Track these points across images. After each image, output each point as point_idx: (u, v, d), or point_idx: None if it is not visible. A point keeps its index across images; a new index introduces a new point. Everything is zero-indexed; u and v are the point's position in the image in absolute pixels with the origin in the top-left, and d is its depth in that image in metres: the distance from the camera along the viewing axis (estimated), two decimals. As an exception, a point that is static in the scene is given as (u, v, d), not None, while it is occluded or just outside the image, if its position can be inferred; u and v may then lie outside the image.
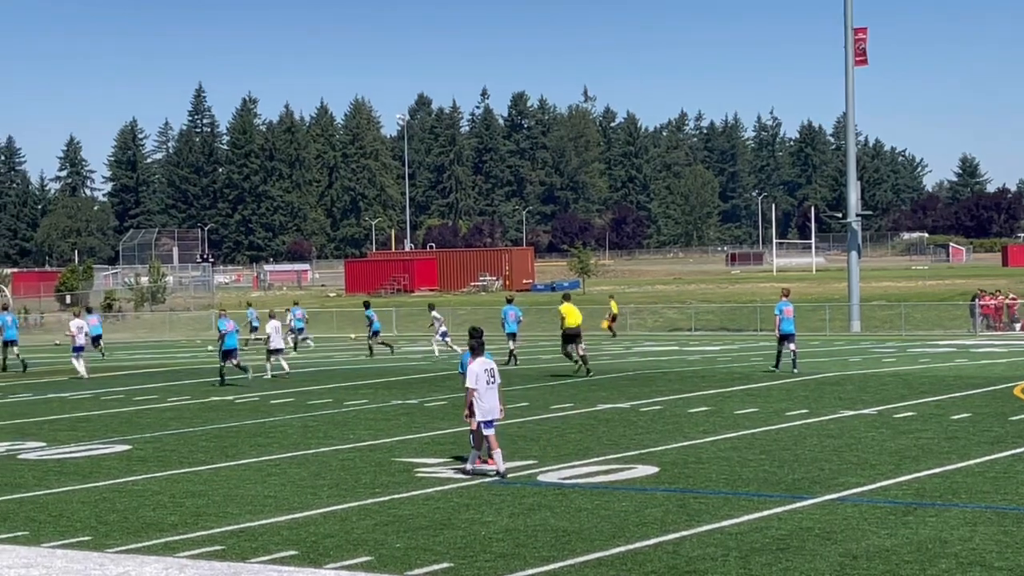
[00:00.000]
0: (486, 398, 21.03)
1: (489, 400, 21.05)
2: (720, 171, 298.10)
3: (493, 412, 21.07)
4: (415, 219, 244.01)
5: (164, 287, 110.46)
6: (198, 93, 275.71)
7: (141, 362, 54.10)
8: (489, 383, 21.08)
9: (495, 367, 21.37)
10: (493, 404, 21.08)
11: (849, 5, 67.25)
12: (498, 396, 21.18)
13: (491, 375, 21.10)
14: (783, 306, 40.96)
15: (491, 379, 21.11)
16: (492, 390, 21.09)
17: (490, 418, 21.04)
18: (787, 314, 40.80)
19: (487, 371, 21.07)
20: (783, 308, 40.86)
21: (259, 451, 24.92)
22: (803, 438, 24.90)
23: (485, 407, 21.01)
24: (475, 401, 20.97)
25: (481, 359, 21.22)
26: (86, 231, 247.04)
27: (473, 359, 21.27)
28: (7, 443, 27.12)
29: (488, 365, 21.18)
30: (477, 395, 20.98)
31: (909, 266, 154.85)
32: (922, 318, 69.31)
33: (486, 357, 21.45)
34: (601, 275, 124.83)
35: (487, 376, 21.06)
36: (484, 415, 21.02)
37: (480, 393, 20.99)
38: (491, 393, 21.09)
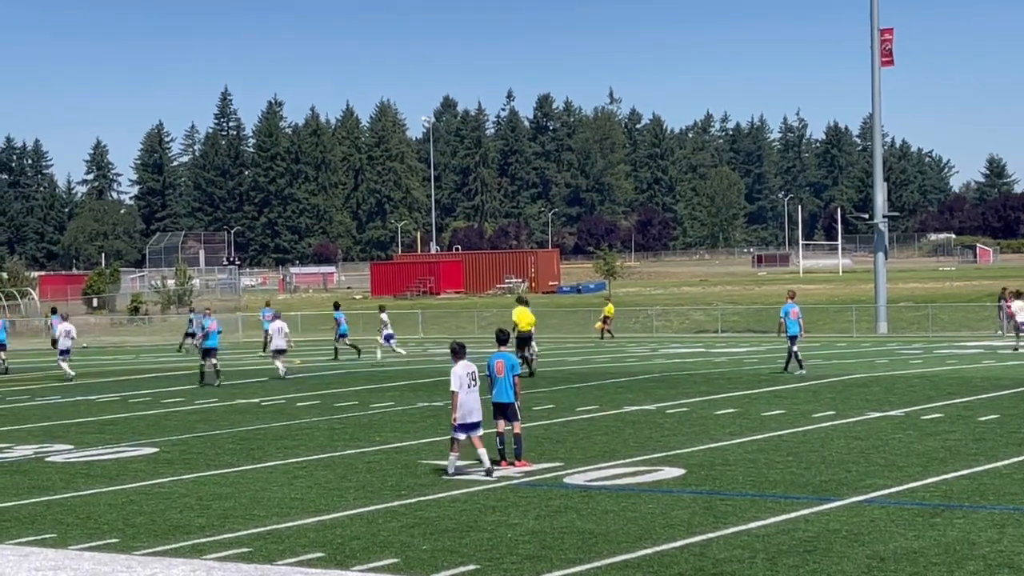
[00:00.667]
0: (466, 401, 21.32)
1: (471, 402, 21.35)
2: (746, 172, 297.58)
3: (472, 414, 21.33)
4: (441, 221, 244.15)
5: (190, 290, 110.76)
6: (224, 96, 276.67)
7: (168, 365, 54.22)
8: (470, 386, 21.37)
9: (476, 370, 21.61)
10: (474, 406, 21.36)
11: (875, 6, 67.10)
12: (478, 399, 21.48)
13: (472, 378, 21.40)
14: (789, 308, 41.56)
15: (472, 382, 21.42)
16: (473, 393, 21.40)
17: (470, 420, 21.32)
18: (793, 316, 41.31)
19: (469, 374, 21.37)
20: (789, 310, 41.49)
21: (285, 453, 24.94)
22: (830, 440, 24.82)
23: (464, 410, 21.30)
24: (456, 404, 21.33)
25: (463, 362, 21.48)
26: (113, 234, 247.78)
27: (455, 362, 21.54)
28: (35, 445, 27.21)
29: (470, 368, 21.45)
30: (458, 397, 21.30)
31: (936, 267, 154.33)
32: (949, 319, 69.08)
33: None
34: (627, 277, 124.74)
35: (468, 379, 21.35)
36: (463, 417, 21.32)
37: (461, 396, 21.28)
38: (472, 395, 21.39)
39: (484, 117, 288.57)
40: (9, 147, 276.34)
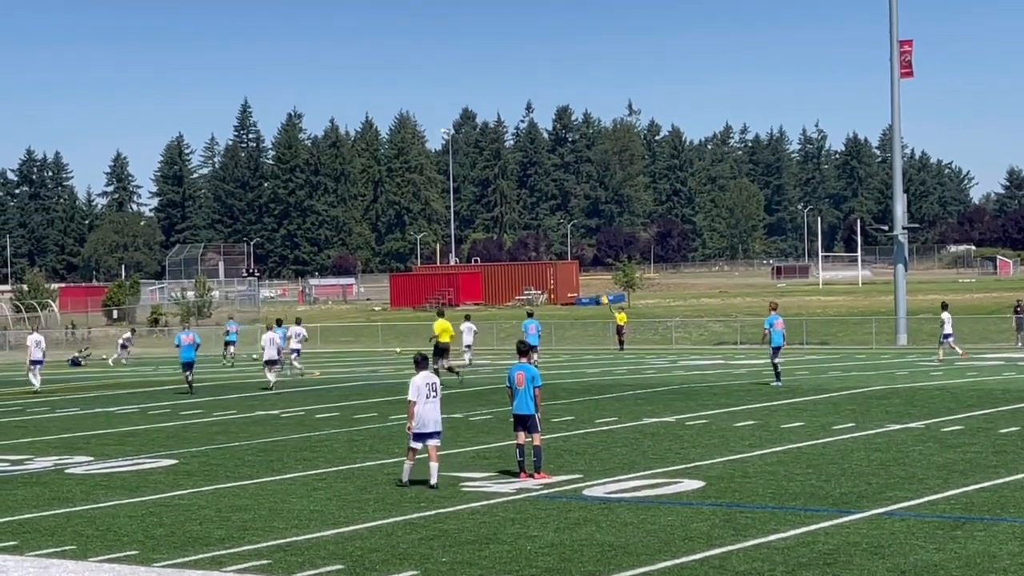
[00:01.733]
0: (425, 411, 21.61)
1: (427, 413, 21.62)
2: (765, 184, 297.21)
3: (427, 424, 21.61)
4: (460, 233, 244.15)
5: (210, 302, 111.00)
6: (244, 108, 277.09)
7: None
8: (429, 397, 21.66)
9: (437, 382, 21.93)
10: (430, 417, 21.62)
11: (895, 18, 67.04)
12: (438, 410, 21.77)
13: (432, 389, 21.71)
14: (774, 319, 41.82)
15: (431, 393, 21.69)
16: (431, 403, 21.68)
17: (426, 430, 21.62)
18: (777, 327, 41.66)
19: (428, 385, 21.71)
20: (773, 321, 41.74)
21: (305, 465, 24.97)
22: (850, 452, 24.78)
23: (420, 420, 21.59)
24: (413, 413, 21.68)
25: (424, 373, 21.89)
26: (133, 246, 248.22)
27: (417, 372, 21.91)
28: (55, 457, 27.27)
29: (430, 379, 21.83)
30: (415, 407, 21.60)
31: (956, 279, 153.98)
32: (969, 331, 68.83)
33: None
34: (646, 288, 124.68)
35: (427, 390, 21.67)
36: (419, 427, 21.63)
37: (419, 406, 21.58)
38: (430, 406, 21.66)
39: (503, 129, 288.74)
40: (30, 159, 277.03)
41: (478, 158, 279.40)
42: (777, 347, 41.46)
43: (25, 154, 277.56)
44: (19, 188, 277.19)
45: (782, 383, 40.57)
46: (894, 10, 67.16)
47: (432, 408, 21.74)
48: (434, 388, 21.83)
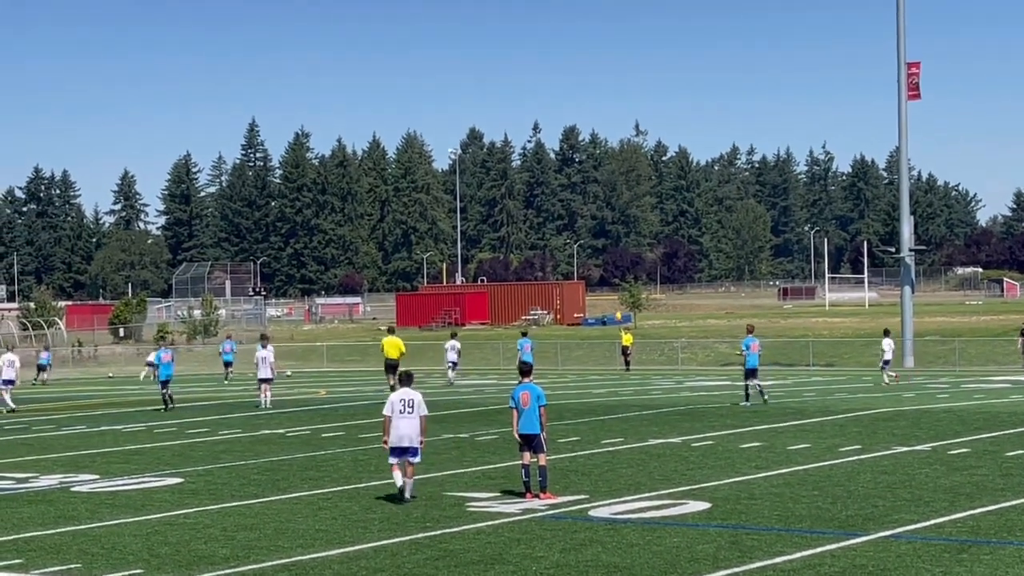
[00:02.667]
0: (399, 426, 22.20)
1: (401, 428, 22.20)
2: (772, 205, 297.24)
3: (403, 440, 22.19)
4: (466, 253, 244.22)
5: (216, 320, 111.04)
6: (251, 127, 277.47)
7: (193, 395, 54.30)
8: (403, 412, 22.25)
9: (416, 399, 22.35)
10: (404, 432, 22.19)
11: (902, 39, 67.13)
12: (418, 426, 22.30)
13: (406, 405, 22.25)
14: (750, 341, 42.41)
15: (406, 408, 22.26)
16: (405, 419, 22.25)
17: (402, 445, 22.24)
18: (753, 349, 42.30)
19: (402, 400, 22.28)
20: (750, 343, 42.36)
21: (310, 484, 24.95)
22: (856, 474, 24.73)
23: (395, 434, 22.23)
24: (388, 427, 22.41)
25: (404, 389, 22.50)
26: (140, 264, 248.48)
27: (399, 388, 22.71)
28: (60, 475, 27.26)
29: (405, 396, 22.34)
30: (390, 422, 22.30)
31: (963, 301, 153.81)
32: (976, 353, 68.81)
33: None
34: (652, 309, 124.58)
35: (401, 406, 22.25)
36: (395, 442, 22.27)
37: (393, 421, 22.24)
38: (404, 421, 22.23)
39: (510, 149, 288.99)
40: (38, 177, 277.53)
41: (485, 178, 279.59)
42: (752, 369, 42.15)
43: (33, 172, 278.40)
44: (27, 206, 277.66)
45: (749, 404, 41.29)
46: (902, 32, 67.26)
47: (407, 424, 22.25)
48: (410, 404, 22.27)
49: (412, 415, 22.28)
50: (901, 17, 67.47)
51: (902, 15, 67.48)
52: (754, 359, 42.29)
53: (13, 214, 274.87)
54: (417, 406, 22.37)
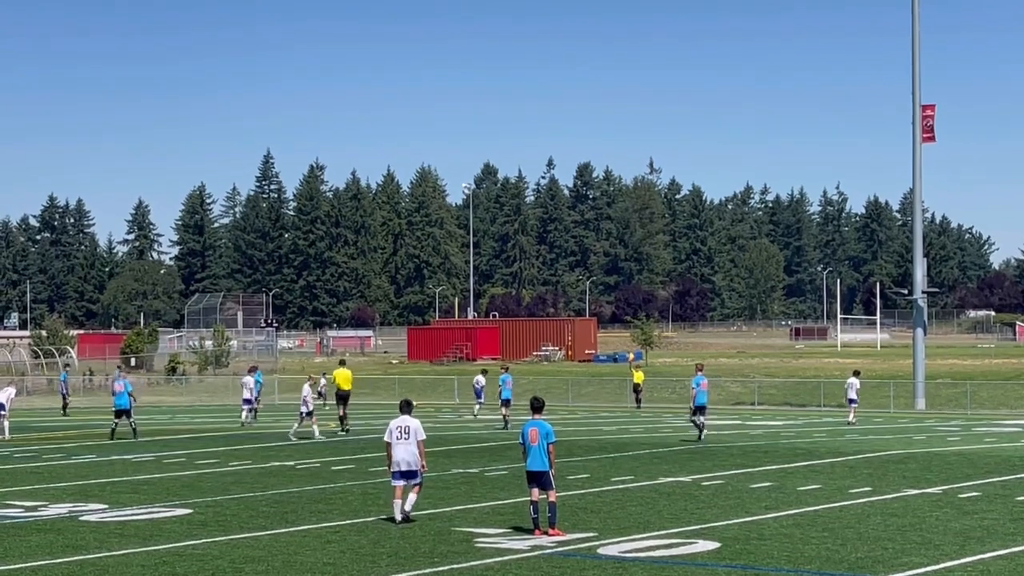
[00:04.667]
0: (397, 451, 23.58)
1: (399, 454, 23.55)
2: (785, 245, 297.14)
3: (400, 464, 23.52)
4: (479, 287, 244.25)
5: (228, 351, 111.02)
6: (266, 159, 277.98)
7: (203, 425, 54.30)
8: (400, 438, 23.61)
9: (413, 426, 23.58)
10: (401, 457, 23.52)
11: (917, 82, 67.22)
12: (417, 451, 23.56)
13: (403, 432, 23.59)
14: (700, 379, 43.70)
15: (402, 435, 23.60)
16: (403, 444, 23.59)
17: (400, 469, 23.57)
18: (703, 387, 43.60)
19: (399, 428, 23.63)
20: (700, 382, 43.63)
21: (319, 517, 24.92)
22: (866, 516, 24.67)
23: (394, 459, 23.60)
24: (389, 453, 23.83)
25: (403, 416, 23.82)
26: (152, 294, 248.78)
27: (399, 417, 23.92)
28: (69, 504, 27.25)
29: (402, 423, 23.65)
30: (391, 448, 23.72)
31: (975, 344, 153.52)
32: (988, 397, 68.63)
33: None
34: (664, 347, 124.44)
35: (398, 432, 23.61)
36: (395, 466, 23.63)
37: (392, 447, 23.65)
38: (401, 447, 23.58)
39: (524, 184, 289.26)
40: (52, 206, 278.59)
41: (498, 213, 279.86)
42: (700, 406, 43.28)
43: (47, 201, 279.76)
44: (40, 234, 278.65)
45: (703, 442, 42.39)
46: (917, 75, 67.35)
47: (403, 449, 23.57)
48: (406, 431, 23.57)
49: (409, 441, 23.54)
50: (916, 60, 67.58)
51: (917, 58, 67.59)
52: (703, 396, 43.51)
53: (27, 242, 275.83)
54: (413, 432, 23.58)
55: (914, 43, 67.63)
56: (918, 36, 67.63)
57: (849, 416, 53.75)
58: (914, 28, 67.66)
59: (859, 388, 55.04)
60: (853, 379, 55.12)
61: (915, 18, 67.60)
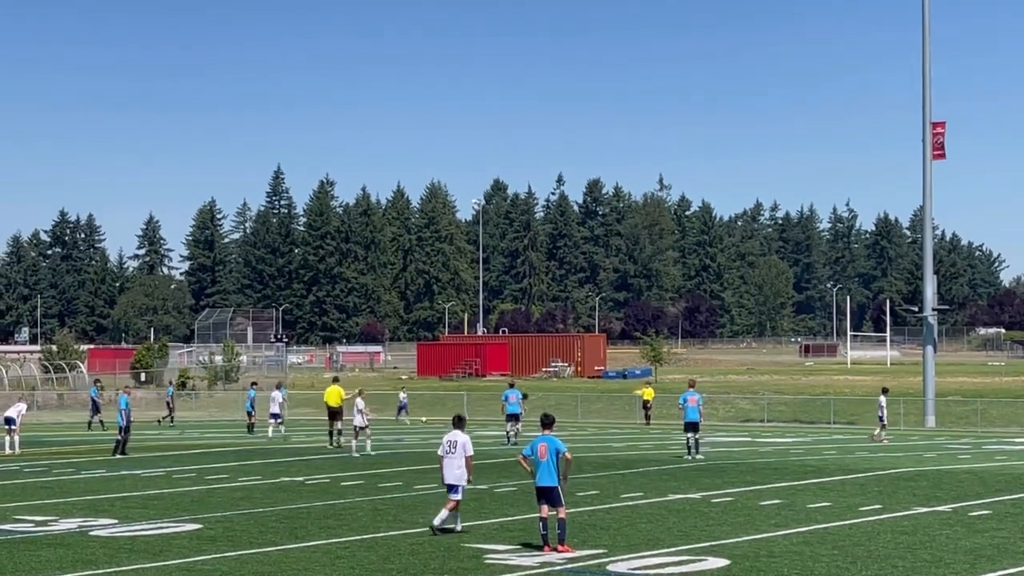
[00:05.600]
0: (444, 465, 24.25)
1: (445, 467, 24.23)
2: (795, 262, 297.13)
3: (448, 478, 24.11)
4: (488, 303, 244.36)
5: (238, 366, 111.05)
6: (277, 175, 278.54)
7: (213, 441, 54.32)
8: (448, 452, 24.18)
9: (460, 440, 24.08)
10: (449, 471, 24.12)
11: (928, 99, 67.21)
12: (462, 465, 24.04)
13: (451, 446, 24.14)
14: (686, 397, 43.90)
15: (450, 449, 24.15)
16: (451, 458, 24.13)
17: (447, 482, 24.18)
18: (691, 403, 43.57)
19: (448, 442, 24.21)
20: (686, 399, 43.81)
21: (328, 533, 24.91)
22: (876, 534, 24.63)
23: (443, 472, 24.27)
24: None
25: (454, 431, 24.32)
26: (162, 309, 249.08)
27: (451, 431, 24.48)
28: (79, 519, 27.26)
29: (452, 438, 24.19)
30: (441, 462, 24.37)
31: (986, 362, 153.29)
32: (998, 415, 68.51)
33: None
34: (673, 363, 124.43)
35: (447, 447, 24.20)
36: (444, 479, 24.26)
37: (443, 461, 24.27)
38: (448, 461, 24.15)
39: (534, 200, 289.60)
40: (63, 221, 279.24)
41: (508, 229, 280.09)
42: (690, 422, 43.28)
43: (59, 216, 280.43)
44: (51, 249, 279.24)
45: (702, 457, 42.48)
46: (927, 92, 67.36)
47: (449, 463, 24.11)
48: (453, 446, 24.09)
49: (455, 455, 24.02)
50: (927, 77, 67.60)
51: (928, 75, 67.61)
52: (694, 413, 43.42)
53: (38, 257, 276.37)
54: (460, 447, 24.08)
55: (925, 61, 67.65)
56: (928, 54, 67.65)
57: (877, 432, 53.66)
58: (925, 46, 67.68)
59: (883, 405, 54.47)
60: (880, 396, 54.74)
61: (926, 35, 67.64)
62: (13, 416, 48.36)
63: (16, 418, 48.49)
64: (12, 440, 47.80)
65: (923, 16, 67.62)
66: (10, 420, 48.23)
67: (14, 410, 48.76)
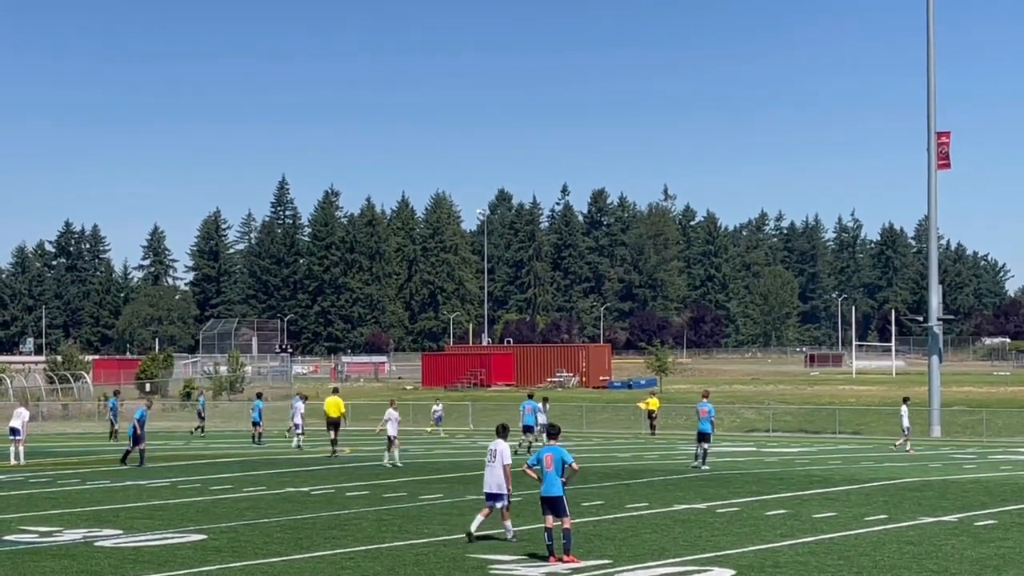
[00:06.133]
0: (486, 473, 24.59)
1: (487, 476, 24.52)
2: (800, 272, 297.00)
3: (490, 487, 24.37)
4: (493, 314, 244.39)
5: (242, 377, 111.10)
6: (281, 185, 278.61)
7: (218, 451, 54.31)
8: (489, 461, 24.49)
9: (499, 449, 24.38)
10: (489, 479, 24.43)
11: (933, 109, 67.23)
12: (502, 474, 24.23)
13: (491, 455, 24.47)
14: (699, 406, 44.10)
15: (491, 458, 24.46)
16: (491, 467, 24.42)
17: (489, 491, 24.44)
18: (702, 414, 43.60)
19: (490, 451, 24.52)
20: (699, 408, 44.04)
21: (333, 544, 24.89)
22: (882, 544, 24.59)
23: (485, 481, 24.62)
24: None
25: (496, 441, 24.55)
26: (167, 320, 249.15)
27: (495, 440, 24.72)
28: (84, 530, 27.26)
29: (493, 446, 24.50)
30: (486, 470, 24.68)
31: (991, 372, 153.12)
32: (1004, 424, 68.43)
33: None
34: (678, 374, 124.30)
35: (489, 456, 24.55)
36: (485, 488, 24.61)
37: (486, 469, 24.60)
38: (489, 469, 24.48)
39: (538, 211, 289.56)
40: (68, 231, 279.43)
41: (513, 239, 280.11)
42: (700, 433, 43.38)
43: (63, 226, 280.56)
44: (56, 260, 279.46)
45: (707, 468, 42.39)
46: (932, 102, 67.38)
47: (490, 472, 24.40)
48: (494, 455, 24.38)
49: (495, 464, 24.36)
50: (932, 87, 67.62)
51: (932, 85, 67.62)
52: (703, 424, 43.41)
53: (43, 268, 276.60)
54: (499, 456, 24.38)
55: (929, 70, 67.67)
56: (933, 63, 67.67)
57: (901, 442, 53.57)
58: (929, 56, 67.70)
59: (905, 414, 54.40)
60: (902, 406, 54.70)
61: (930, 46, 67.67)
62: (18, 427, 48.37)
63: (21, 428, 48.50)
64: (17, 451, 47.77)
65: (927, 26, 67.67)
66: (15, 431, 48.24)
67: (18, 420, 48.75)
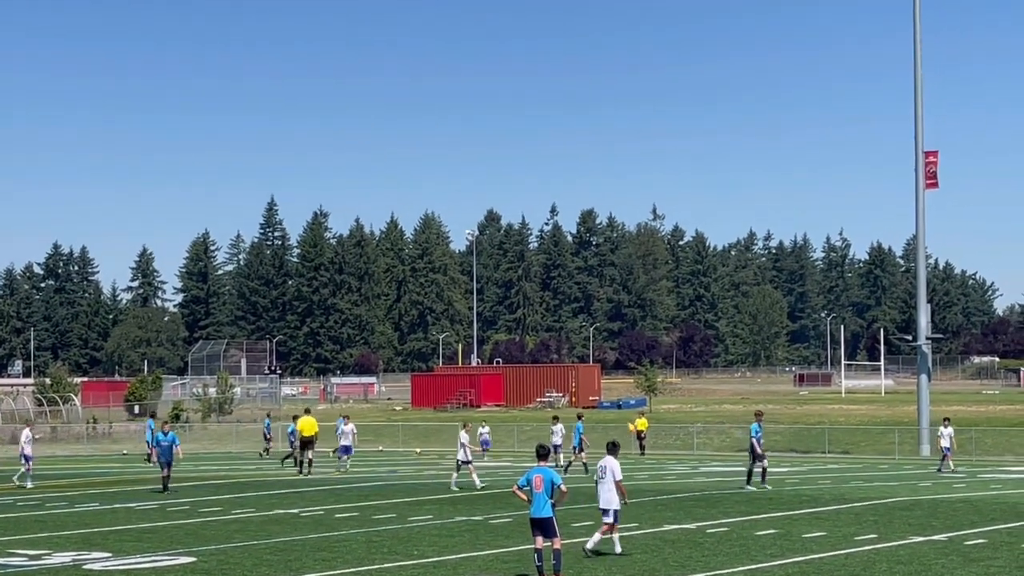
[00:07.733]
0: (599, 490, 25.53)
1: (600, 492, 25.49)
2: (788, 291, 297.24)
3: (602, 503, 25.40)
4: (482, 334, 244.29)
5: (231, 398, 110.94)
6: (270, 206, 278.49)
7: (207, 473, 54.23)
8: (600, 478, 25.49)
9: (610, 466, 25.33)
10: (601, 496, 25.41)
11: (920, 129, 67.40)
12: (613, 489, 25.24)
13: (602, 471, 25.48)
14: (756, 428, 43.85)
15: (602, 475, 25.44)
16: (603, 483, 25.37)
17: (601, 507, 25.45)
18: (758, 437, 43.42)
19: (600, 468, 25.64)
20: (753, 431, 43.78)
21: (323, 566, 24.86)
22: (872, 564, 24.60)
23: (598, 497, 25.59)
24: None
25: (607, 458, 25.53)
26: (156, 341, 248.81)
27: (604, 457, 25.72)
28: (73, 553, 27.20)
29: (603, 463, 25.50)
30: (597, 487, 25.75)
31: (980, 390, 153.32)
32: (993, 443, 68.49)
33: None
34: (668, 393, 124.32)
35: (600, 471, 25.58)
36: (599, 504, 25.50)
37: (597, 486, 25.64)
38: (601, 486, 25.45)
39: (527, 231, 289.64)
40: (56, 253, 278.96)
41: (502, 260, 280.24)
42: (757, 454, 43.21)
43: (52, 248, 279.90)
44: (45, 281, 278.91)
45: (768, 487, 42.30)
46: (919, 121, 67.56)
47: (602, 487, 25.44)
48: (604, 471, 25.35)
49: (606, 480, 25.31)
50: (919, 106, 67.81)
51: (920, 105, 67.82)
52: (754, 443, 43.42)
53: (31, 290, 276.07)
54: (610, 472, 25.34)
55: (916, 89, 67.87)
56: (920, 82, 67.88)
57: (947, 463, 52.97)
58: (916, 74, 67.92)
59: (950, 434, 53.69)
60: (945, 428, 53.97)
61: (917, 64, 67.89)
62: (28, 454, 48.10)
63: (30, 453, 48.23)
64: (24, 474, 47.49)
65: (914, 47, 67.89)
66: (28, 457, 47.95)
67: (27, 445, 48.37)
